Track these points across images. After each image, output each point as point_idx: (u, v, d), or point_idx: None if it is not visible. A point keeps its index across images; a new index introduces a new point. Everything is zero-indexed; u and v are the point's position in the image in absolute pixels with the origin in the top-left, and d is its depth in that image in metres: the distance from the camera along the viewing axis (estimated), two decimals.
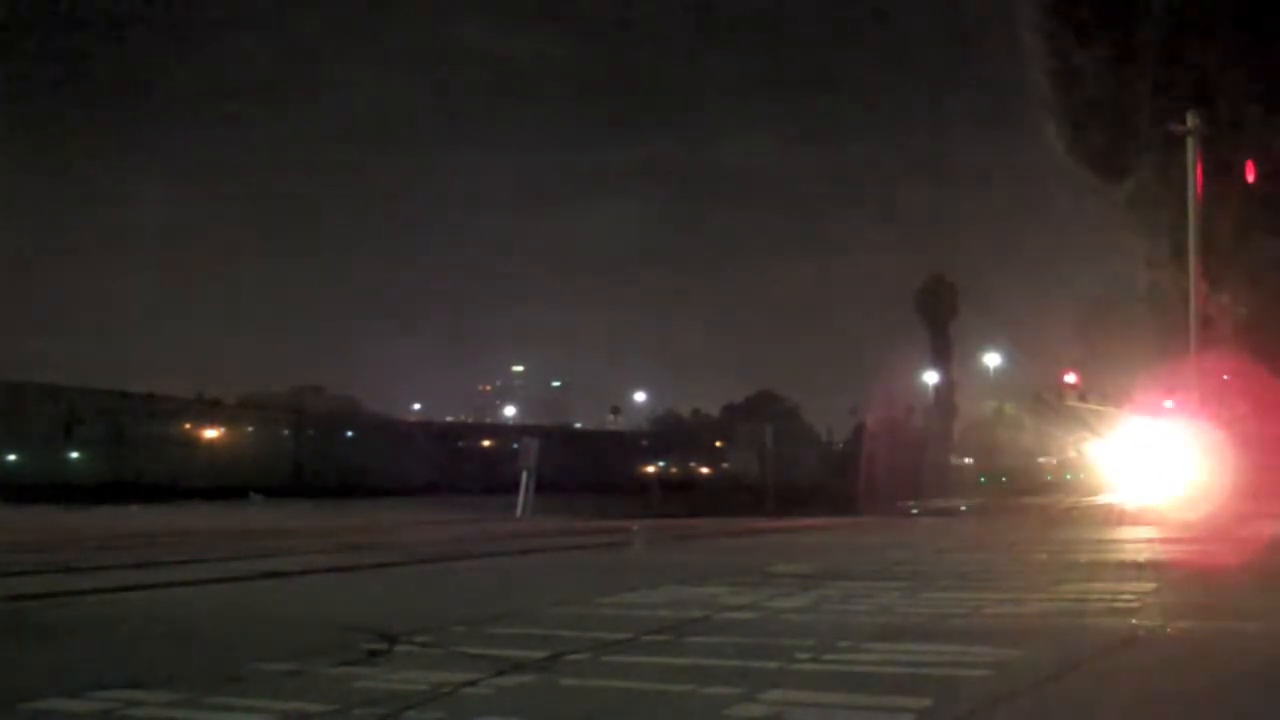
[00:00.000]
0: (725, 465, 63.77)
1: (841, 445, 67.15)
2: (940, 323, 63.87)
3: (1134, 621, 6.29)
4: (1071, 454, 45.38)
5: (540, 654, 5.34)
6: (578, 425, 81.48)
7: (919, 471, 52.85)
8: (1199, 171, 20.55)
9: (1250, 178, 21.05)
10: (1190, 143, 20.63)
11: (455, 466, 49.68)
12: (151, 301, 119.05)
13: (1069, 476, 47.26)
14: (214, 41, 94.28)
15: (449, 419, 78.52)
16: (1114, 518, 22.61)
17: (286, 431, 49.78)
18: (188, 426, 45.11)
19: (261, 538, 17.16)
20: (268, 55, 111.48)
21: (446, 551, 14.12)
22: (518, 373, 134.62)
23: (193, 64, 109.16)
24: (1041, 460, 55.62)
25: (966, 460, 58.31)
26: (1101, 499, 34.12)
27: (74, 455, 40.27)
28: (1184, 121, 20.75)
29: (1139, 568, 10.37)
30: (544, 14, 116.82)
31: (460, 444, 57.45)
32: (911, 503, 39.80)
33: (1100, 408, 28.08)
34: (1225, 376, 21.89)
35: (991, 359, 55.25)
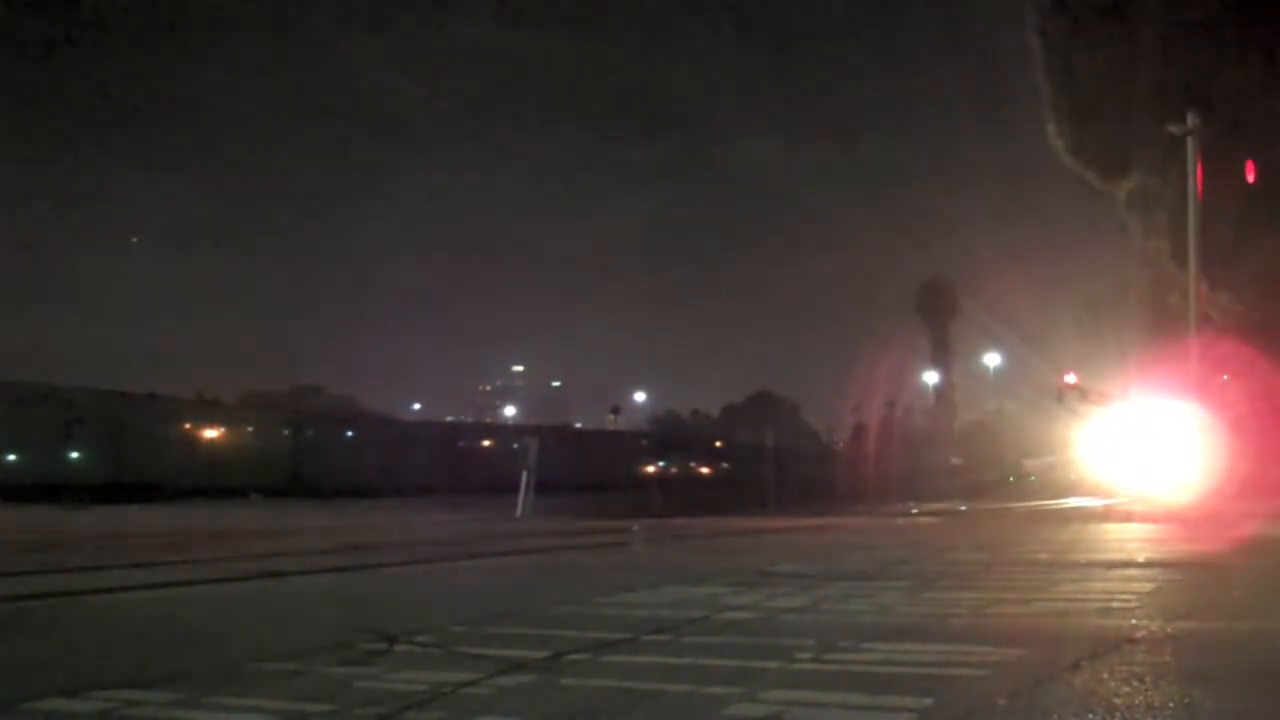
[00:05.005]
0: (725, 465, 63.78)
1: (841, 445, 67.22)
2: (940, 323, 63.99)
3: (1133, 621, 6.30)
4: (1074, 454, 45.39)
5: (540, 654, 5.34)
6: (578, 425, 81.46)
7: (919, 471, 52.92)
8: (1199, 171, 20.58)
9: (1250, 178, 21.08)
10: (1190, 143, 20.67)
11: (455, 466, 49.62)
12: (151, 301, 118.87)
13: (1082, 476, 47.28)
14: (217, 38, 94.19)
15: (449, 419, 78.59)
16: (1116, 516, 22.61)
17: (286, 431, 49.75)
18: (188, 426, 45.07)
19: (261, 538, 17.17)
20: (271, 53, 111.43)
21: (446, 551, 14.12)
22: (518, 373, 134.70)
23: (194, 61, 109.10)
24: (1042, 461, 55.59)
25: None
26: (1105, 498, 34.12)
27: (74, 455, 40.26)
28: (1184, 121, 20.79)
29: (1139, 567, 10.37)
30: (547, 14, 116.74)
31: (460, 444, 57.40)
32: (911, 503, 39.86)
33: (1101, 407, 28.07)
34: (1225, 376, 21.92)
35: (991, 359, 55.37)
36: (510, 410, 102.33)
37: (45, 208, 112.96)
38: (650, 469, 59.39)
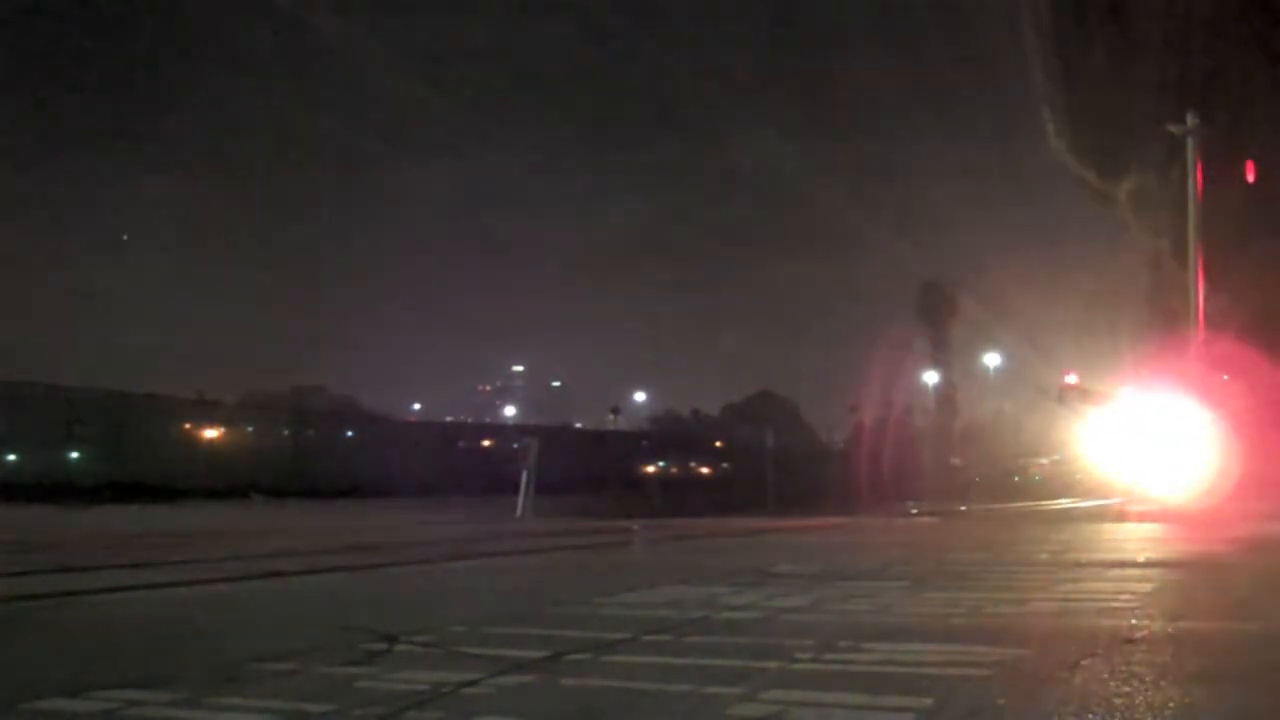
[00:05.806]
0: (725, 465, 63.76)
1: (841, 445, 67.18)
2: (940, 323, 63.89)
3: (1133, 621, 6.29)
4: (1075, 453, 45.42)
5: (540, 654, 5.34)
6: (578, 425, 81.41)
7: (919, 471, 52.92)
8: (1199, 171, 20.59)
9: (1250, 178, 21.10)
10: (1190, 143, 20.68)
11: (455, 466, 49.57)
12: (152, 301, 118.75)
13: (1084, 476, 47.34)
14: (217, 37, 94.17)
15: (449, 419, 78.54)
16: (1116, 516, 22.62)
17: (286, 431, 49.78)
18: (188, 426, 45.11)
19: (261, 538, 17.18)
20: (272, 52, 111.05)
21: (446, 551, 14.13)
22: (518, 373, 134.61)
23: (195, 60, 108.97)
24: (1046, 460, 55.61)
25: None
26: (1105, 498, 34.15)
27: (74, 455, 40.30)
28: (1184, 121, 20.80)
29: (1139, 567, 10.37)
30: (548, 13, 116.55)
31: (460, 444, 57.40)
32: (911, 502, 39.92)
33: (1101, 407, 28.09)
34: (1225, 376, 21.93)
35: (991, 359, 55.35)
36: (510, 410, 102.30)
37: (45, 207, 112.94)
38: (650, 469, 59.40)
